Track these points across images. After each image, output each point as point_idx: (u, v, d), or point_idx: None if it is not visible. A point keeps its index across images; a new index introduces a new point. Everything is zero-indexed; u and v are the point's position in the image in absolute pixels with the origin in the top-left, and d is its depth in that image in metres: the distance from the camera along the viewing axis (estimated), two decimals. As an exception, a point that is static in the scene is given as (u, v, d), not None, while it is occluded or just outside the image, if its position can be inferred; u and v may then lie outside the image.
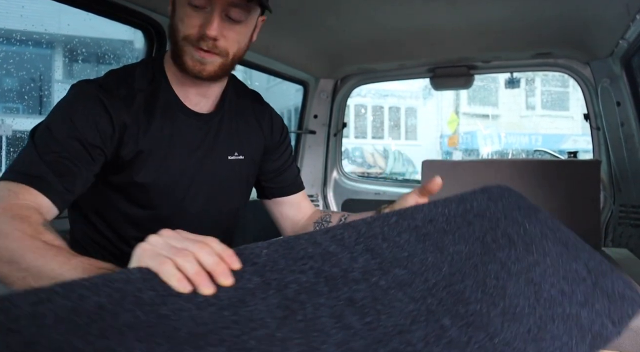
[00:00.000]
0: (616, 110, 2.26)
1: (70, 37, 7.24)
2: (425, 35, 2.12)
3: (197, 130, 1.10)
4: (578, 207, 2.16)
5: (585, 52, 2.30)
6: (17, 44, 5.87)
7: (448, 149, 18.28)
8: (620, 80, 2.17)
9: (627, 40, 1.90)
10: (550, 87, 19.91)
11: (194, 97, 1.09)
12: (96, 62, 7.59)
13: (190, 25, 0.98)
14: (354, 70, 2.86)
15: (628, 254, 2.10)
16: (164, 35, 1.78)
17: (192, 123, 1.09)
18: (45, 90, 7.46)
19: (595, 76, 2.37)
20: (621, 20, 1.76)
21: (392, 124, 19.80)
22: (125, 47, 7.13)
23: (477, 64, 2.60)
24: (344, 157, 3.27)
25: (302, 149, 3.03)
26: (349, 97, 3.07)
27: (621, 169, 2.33)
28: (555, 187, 2.20)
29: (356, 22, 1.91)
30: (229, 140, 1.16)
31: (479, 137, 17.75)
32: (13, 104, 6.73)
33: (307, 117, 2.99)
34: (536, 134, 18.52)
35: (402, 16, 1.86)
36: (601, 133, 2.44)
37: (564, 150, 2.95)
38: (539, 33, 2.08)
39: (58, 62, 7.46)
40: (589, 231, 2.15)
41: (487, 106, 19.80)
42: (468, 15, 1.84)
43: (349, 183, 3.16)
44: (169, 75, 1.07)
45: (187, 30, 0.98)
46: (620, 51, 2.04)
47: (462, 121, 19.03)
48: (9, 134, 6.46)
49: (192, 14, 0.97)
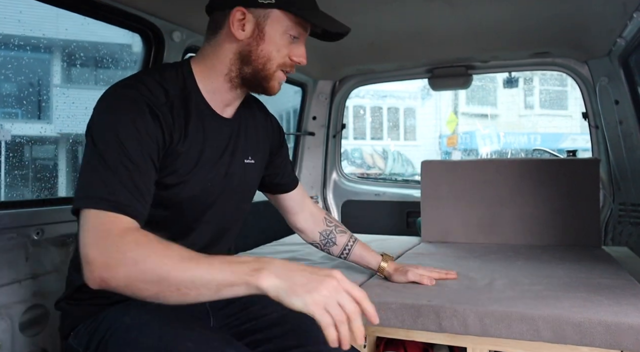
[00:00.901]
0: (614, 108, 2.26)
1: (68, 42, 7.24)
2: (423, 36, 2.12)
3: (224, 135, 1.15)
4: (578, 206, 2.16)
5: (583, 51, 2.30)
6: (16, 49, 5.87)
7: (447, 149, 18.27)
8: (618, 78, 2.18)
9: (624, 38, 1.90)
10: (549, 87, 19.91)
11: (222, 105, 1.14)
12: (94, 66, 7.60)
13: (285, 54, 1.09)
14: (353, 71, 2.86)
15: (628, 253, 2.10)
16: (162, 39, 1.78)
17: (220, 129, 1.14)
18: (43, 95, 7.46)
19: (593, 75, 2.37)
20: (618, 19, 1.76)
21: (391, 124, 19.80)
22: (123, 51, 7.14)
23: (475, 64, 2.60)
24: (343, 159, 3.27)
25: (301, 151, 3.03)
26: (348, 98, 3.07)
27: (620, 168, 2.33)
28: (554, 186, 2.20)
29: (354, 23, 1.90)
30: (245, 145, 1.21)
31: (477, 137, 17.73)
32: (12, 109, 6.73)
33: (305, 119, 2.98)
34: (535, 133, 18.51)
35: (399, 17, 1.86)
36: (600, 131, 2.44)
37: (563, 149, 2.95)
38: (537, 33, 2.08)
39: (56, 66, 7.46)
40: (589, 230, 2.14)
41: (486, 106, 19.80)
42: (466, 16, 1.84)
43: (349, 184, 3.16)
44: (199, 82, 1.10)
45: (283, 59, 1.10)
46: (618, 50, 2.04)
47: (460, 121, 19.02)
48: (8, 139, 6.45)
49: (289, 44, 1.09)
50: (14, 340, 1.38)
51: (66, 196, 1.36)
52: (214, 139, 1.12)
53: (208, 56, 1.11)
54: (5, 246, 1.36)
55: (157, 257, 0.82)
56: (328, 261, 1.89)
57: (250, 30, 1.06)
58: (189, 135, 1.06)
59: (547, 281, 1.53)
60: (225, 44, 1.08)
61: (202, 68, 1.11)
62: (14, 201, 1.47)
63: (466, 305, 1.31)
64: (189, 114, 1.07)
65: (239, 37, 1.06)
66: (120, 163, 0.91)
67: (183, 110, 1.06)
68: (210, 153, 1.11)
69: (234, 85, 1.12)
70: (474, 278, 1.59)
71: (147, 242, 0.84)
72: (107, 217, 0.87)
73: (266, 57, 1.08)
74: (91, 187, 0.90)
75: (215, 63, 1.10)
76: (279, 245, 2.30)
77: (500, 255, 1.98)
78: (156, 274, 0.81)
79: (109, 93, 1.01)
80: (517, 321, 1.24)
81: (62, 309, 1.13)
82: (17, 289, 1.39)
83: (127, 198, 0.89)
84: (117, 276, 0.82)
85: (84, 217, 0.87)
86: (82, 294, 1.09)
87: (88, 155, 0.94)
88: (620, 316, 1.19)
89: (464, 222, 2.31)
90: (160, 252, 0.83)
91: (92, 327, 1.05)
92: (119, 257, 0.82)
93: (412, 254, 2.07)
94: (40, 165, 7.62)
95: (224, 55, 1.09)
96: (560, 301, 1.31)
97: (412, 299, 1.37)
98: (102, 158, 0.91)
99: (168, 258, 0.82)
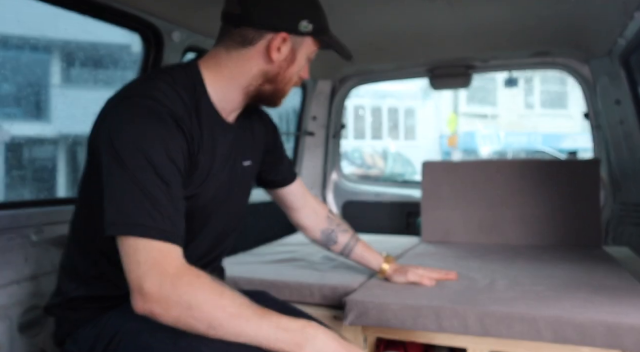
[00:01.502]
0: (615, 108, 2.25)
1: (67, 42, 7.24)
2: (423, 35, 2.11)
3: (228, 141, 1.15)
4: (578, 206, 2.16)
5: (583, 51, 2.30)
6: (15, 49, 5.86)
7: (447, 149, 18.26)
8: (619, 78, 2.17)
9: (625, 38, 1.90)
10: (549, 86, 19.91)
11: (228, 111, 1.14)
12: (93, 66, 7.59)
13: (299, 74, 1.15)
14: (352, 71, 2.85)
15: (629, 253, 2.10)
16: (161, 39, 1.78)
17: (225, 135, 1.13)
18: (43, 95, 7.45)
19: (594, 75, 2.37)
20: (619, 19, 1.76)
21: (391, 124, 19.80)
22: (122, 51, 7.13)
23: (475, 63, 2.59)
24: (343, 159, 3.27)
25: (301, 151, 3.03)
26: (347, 98, 3.07)
27: (621, 168, 2.33)
28: (555, 187, 2.19)
29: (354, 23, 1.90)
30: (244, 148, 1.22)
31: (478, 137, 17.71)
32: (11, 110, 6.72)
33: (305, 119, 2.98)
34: (535, 133, 18.50)
35: (399, 17, 1.85)
36: (601, 131, 2.43)
37: (564, 149, 2.95)
38: (537, 32, 2.08)
39: (56, 66, 7.46)
40: (590, 230, 2.14)
41: (486, 106, 19.80)
42: (466, 15, 1.83)
43: (349, 185, 3.15)
44: (209, 88, 1.09)
45: (297, 78, 1.15)
46: (618, 49, 2.04)
47: (461, 121, 19.01)
48: (7, 139, 6.45)
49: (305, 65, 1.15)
50: (13, 341, 1.37)
51: (65, 196, 1.36)
52: (221, 145, 1.12)
53: (226, 66, 1.09)
54: (4, 246, 1.35)
55: (210, 306, 0.87)
56: (328, 261, 1.88)
57: (285, 54, 1.09)
58: (204, 144, 1.06)
59: (547, 281, 1.53)
60: (254, 60, 1.08)
61: (216, 75, 1.09)
62: (13, 201, 1.47)
63: (466, 305, 1.30)
64: (201, 121, 1.05)
65: (275, 60, 1.08)
66: (155, 186, 0.91)
67: (197, 117, 1.05)
68: (219, 160, 1.12)
69: (248, 98, 1.13)
70: (474, 278, 1.58)
71: (201, 285, 0.88)
72: (156, 248, 0.89)
73: (289, 78, 1.13)
74: (129, 212, 0.89)
75: (235, 75, 1.09)
76: (279, 245, 2.30)
77: (500, 255, 1.98)
78: (206, 322, 0.87)
79: (127, 103, 0.98)
80: (518, 321, 1.24)
81: (56, 315, 1.12)
82: (16, 289, 1.39)
83: (168, 224, 0.90)
84: (170, 314, 0.87)
85: (129, 246, 0.89)
86: (77, 301, 1.08)
87: (117, 176, 0.91)
88: (621, 316, 1.19)
89: (465, 223, 2.31)
90: (214, 301, 0.87)
91: (93, 332, 1.03)
92: (175, 299, 0.86)
93: (412, 254, 2.07)
94: (39, 165, 7.61)
95: (247, 70, 1.09)
96: (561, 301, 1.30)
97: (412, 300, 1.37)
98: (136, 180, 0.90)
99: (221, 310, 0.87)
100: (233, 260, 1.95)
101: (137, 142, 0.92)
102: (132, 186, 0.90)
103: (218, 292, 0.89)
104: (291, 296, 1.57)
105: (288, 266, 1.86)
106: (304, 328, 0.90)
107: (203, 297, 0.87)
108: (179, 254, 0.91)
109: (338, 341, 0.92)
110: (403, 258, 1.97)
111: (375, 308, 1.36)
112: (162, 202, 0.91)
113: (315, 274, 1.71)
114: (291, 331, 0.89)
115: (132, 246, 0.89)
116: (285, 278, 1.65)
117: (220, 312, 0.87)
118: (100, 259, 1.07)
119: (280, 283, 1.62)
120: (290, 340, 0.88)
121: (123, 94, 1.02)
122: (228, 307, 0.88)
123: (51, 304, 1.12)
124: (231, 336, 0.87)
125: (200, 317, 0.86)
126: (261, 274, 1.70)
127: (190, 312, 0.86)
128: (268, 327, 0.88)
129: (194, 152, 1.03)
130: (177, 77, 1.05)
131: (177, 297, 0.86)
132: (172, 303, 0.86)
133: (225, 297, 0.89)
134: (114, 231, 0.90)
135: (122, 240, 0.89)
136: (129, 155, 0.91)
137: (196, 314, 0.86)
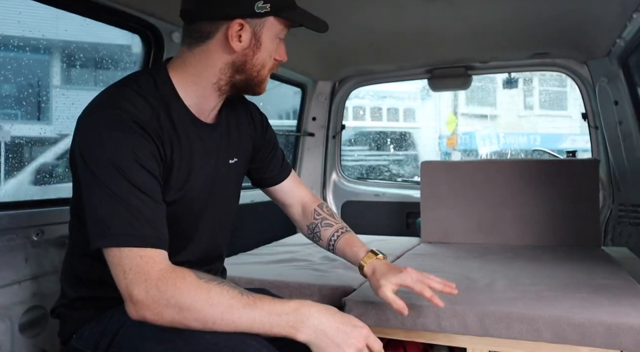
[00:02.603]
0: (614, 109, 2.26)
1: (67, 43, 7.23)
2: (422, 36, 2.12)
3: (209, 142, 1.13)
4: (577, 207, 2.16)
5: (582, 52, 2.30)
6: (15, 50, 5.86)
7: (447, 149, 18.24)
8: (618, 79, 2.18)
9: (624, 39, 1.90)
10: (548, 87, 19.90)
11: (206, 111, 1.11)
12: (94, 67, 7.58)
13: (273, 56, 1.09)
14: (352, 72, 2.86)
15: (628, 253, 2.10)
16: (161, 39, 1.78)
17: (204, 135, 1.11)
18: (43, 96, 7.44)
19: (592, 75, 2.37)
20: (618, 20, 1.76)
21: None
22: (122, 52, 7.12)
23: (474, 64, 2.60)
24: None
25: (301, 152, 3.03)
26: (347, 99, 3.07)
27: (620, 168, 2.33)
28: (554, 187, 2.20)
29: (354, 24, 1.91)
30: (229, 146, 1.19)
31: (477, 138, 17.68)
32: (11, 110, 6.72)
33: (305, 120, 2.98)
34: (534, 133, 18.48)
35: (399, 18, 1.86)
36: (599, 132, 2.44)
37: (563, 150, 2.96)
38: (536, 33, 2.08)
39: (56, 67, 7.45)
40: (589, 230, 2.15)
41: (486, 107, 19.78)
42: (465, 17, 1.84)
43: (349, 185, 3.15)
44: (179, 90, 1.07)
45: (272, 62, 1.10)
46: (617, 50, 2.04)
47: (460, 122, 18.99)
48: (8, 140, 6.44)
49: (277, 46, 1.09)
50: (14, 341, 1.38)
51: (66, 197, 1.36)
52: (201, 147, 1.10)
53: (191, 65, 1.07)
54: (4, 246, 1.36)
55: (200, 306, 0.87)
56: (328, 261, 1.89)
57: (248, 41, 1.04)
58: (178, 147, 1.05)
59: (547, 281, 1.53)
60: (216, 54, 1.05)
61: (183, 75, 1.07)
62: (14, 202, 1.46)
63: (466, 305, 1.31)
64: (173, 124, 1.04)
65: (236, 49, 1.04)
66: (130, 194, 0.91)
67: (168, 121, 1.03)
68: (200, 162, 1.10)
69: (222, 92, 1.10)
70: (474, 278, 1.59)
71: (187, 286, 0.88)
72: (139, 255, 0.89)
73: (260, 65, 1.08)
74: (109, 223, 0.90)
75: (202, 71, 1.06)
76: (279, 246, 2.30)
77: (500, 255, 1.98)
78: (201, 321, 0.87)
79: (93, 117, 0.98)
80: (517, 321, 1.24)
81: (61, 315, 1.12)
82: (17, 290, 1.39)
83: (148, 229, 0.91)
84: (163, 318, 0.88)
85: (114, 256, 0.90)
86: (80, 302, 1.09)
87: (91, 188, 0.92)
88: (620, 316, 1.19)
89: (464, 223, 2.31)
90: (203, 300, 0.87)
91: (98, 329, 1.04)
92: (164, 303, 0.87)
93: (411, 254, 2.07)
94: (39, 166, 7.61)
95: (212, 65, 1.06)
96: (561, 302, 1.31)
97: (412, 300, 1.37)
98: (110, 191, 0.90)
99: (211, 307, 0.87)
100: (233, 260, 1.95)
101: (105, 154, 0.93)
102: (108, 198, 0.90)
103: (205, 289, 0.88)
104: (291, 296, 1.57)
105: (288, 266, 1.86)
106: (297, 309, 0.90)
107: (191, 298, 0.87)
108: (162, 257, 0.91)
109: (333, 316, 0.92)
110: (403, 258, 1.98)
111: (375, 308, 1.36)
112: (139, 209, 0.91)
113: (315, 274, 1.72)
114: (284, 315, 0.89)
115: (116, 256, 0.89)
116: (285, 278, 1.65)
117: (211, 309, 0.87)
118: (98, 264, 1.07)
119: (280, 283, 1.62)
120: (285, 324, 0.88)
121: (90, 107, 1.02)
122: (218, 303, 0.87)
123: (56, 306, 1.13)
124: (228, 330, 0.88)
125: (193, 317, 0.87)
126: (261, 274, 1.71)
127: (182, 313, 0.87)
128: (261, 315, 0.88)
129: (167, 154, 1.02)
130: (142, 82, 1.04)
131: (166, 301, 0.86)
132: (162, 307, 0.87)
133: (213, 293, 0.88)
134: (97, 243, 0.91)
135: (107, 251, 0.90)
136: (100, 167, 0.92)
137: (188, 315, 0.87)
